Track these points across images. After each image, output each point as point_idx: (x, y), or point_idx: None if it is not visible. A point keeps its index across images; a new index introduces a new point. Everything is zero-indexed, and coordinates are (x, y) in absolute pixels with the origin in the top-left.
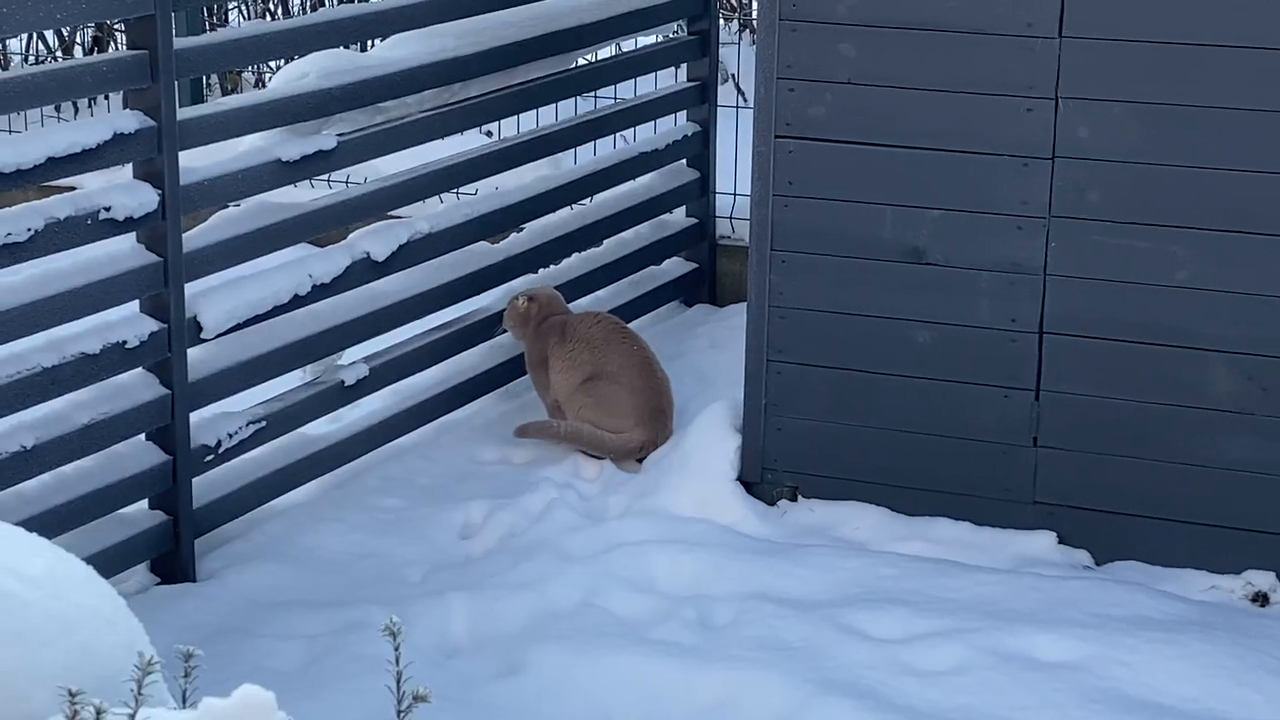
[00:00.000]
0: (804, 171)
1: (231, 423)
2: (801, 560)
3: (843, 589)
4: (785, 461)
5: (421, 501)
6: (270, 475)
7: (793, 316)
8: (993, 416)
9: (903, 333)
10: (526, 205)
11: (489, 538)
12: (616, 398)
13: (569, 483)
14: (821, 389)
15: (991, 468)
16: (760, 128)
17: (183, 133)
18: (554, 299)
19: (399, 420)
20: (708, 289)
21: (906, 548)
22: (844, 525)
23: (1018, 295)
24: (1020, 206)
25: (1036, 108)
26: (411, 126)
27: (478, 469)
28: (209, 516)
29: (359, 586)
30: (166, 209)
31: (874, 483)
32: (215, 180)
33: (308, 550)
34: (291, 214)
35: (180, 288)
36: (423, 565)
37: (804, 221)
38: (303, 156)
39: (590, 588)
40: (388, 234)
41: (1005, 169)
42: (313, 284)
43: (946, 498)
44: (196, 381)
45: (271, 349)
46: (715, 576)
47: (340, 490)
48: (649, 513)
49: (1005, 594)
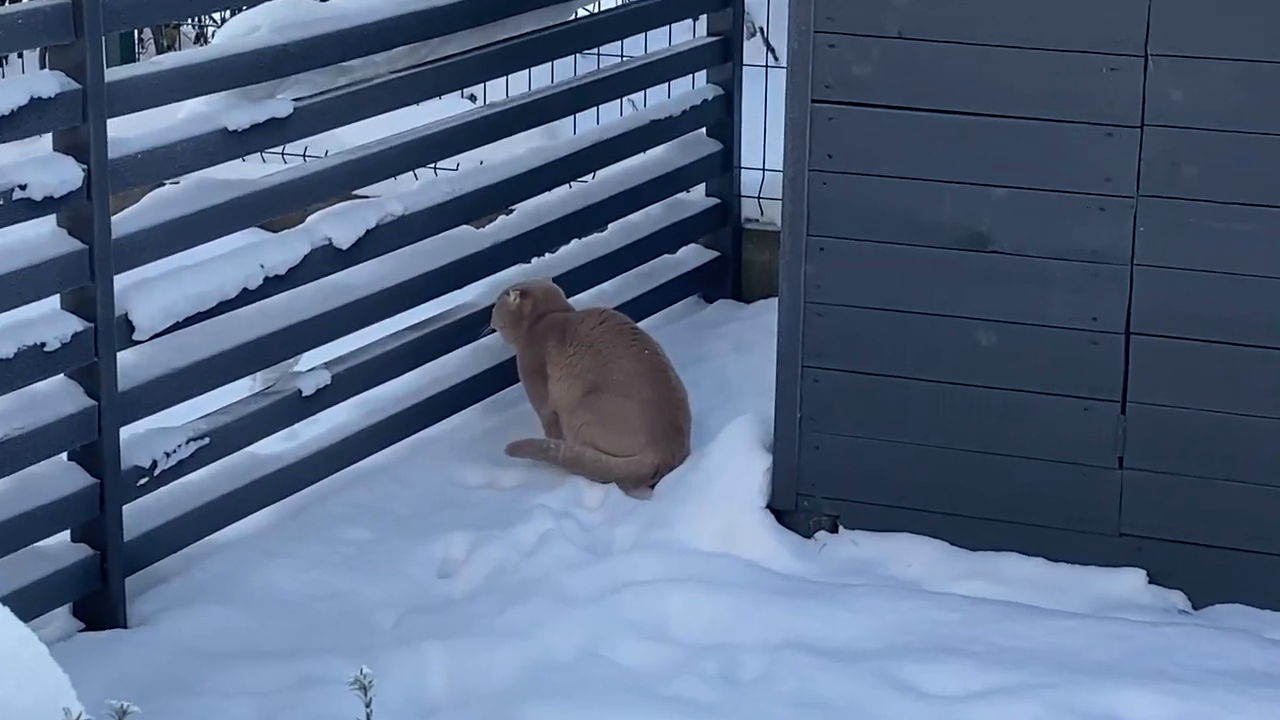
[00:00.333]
0: (846, 142)
1: (169, 440)
2: (843, 603)
3: (892, 637)
4: (824, 486)
5: (393, 533)
6: (214, 502)
7: (832, 314)
8: (1070, 433)
9: (963, 334)
10: (517, 182)
11: (473, 575)
12: (624, 413)
13: (568, 510)
14: (867, 400)
15: (1069, 493)
16: (794, 90)
17: (112, 97)
18: (551, 294)
19: (367, 437)
20: (732, 282)
21: (968, 588)
22: (893, 561)
23: (1100, 289)
24: (1103, 184)
25: (1122, 66)
26: (381, 90)
27: (460, 494)
28: (142, 551)
29: (318, 633)
30: (92, 187)
31: (929, 511)
32: (150, 153)
33: (258, 590)
34: (240, 193)
35: (109, 280)
36: (394, 608)
37: (846, 201)
38: (253, 125)
39: (593, 635)
40: (353, 217)
41: (1085, 139)
42: (265, 276)
43: (1015, 529)
44: (128, 391)
45: (216, 353)
46: (741, 622)
47: (297, 520)
48: (662, 546)
49: (1085, 643)
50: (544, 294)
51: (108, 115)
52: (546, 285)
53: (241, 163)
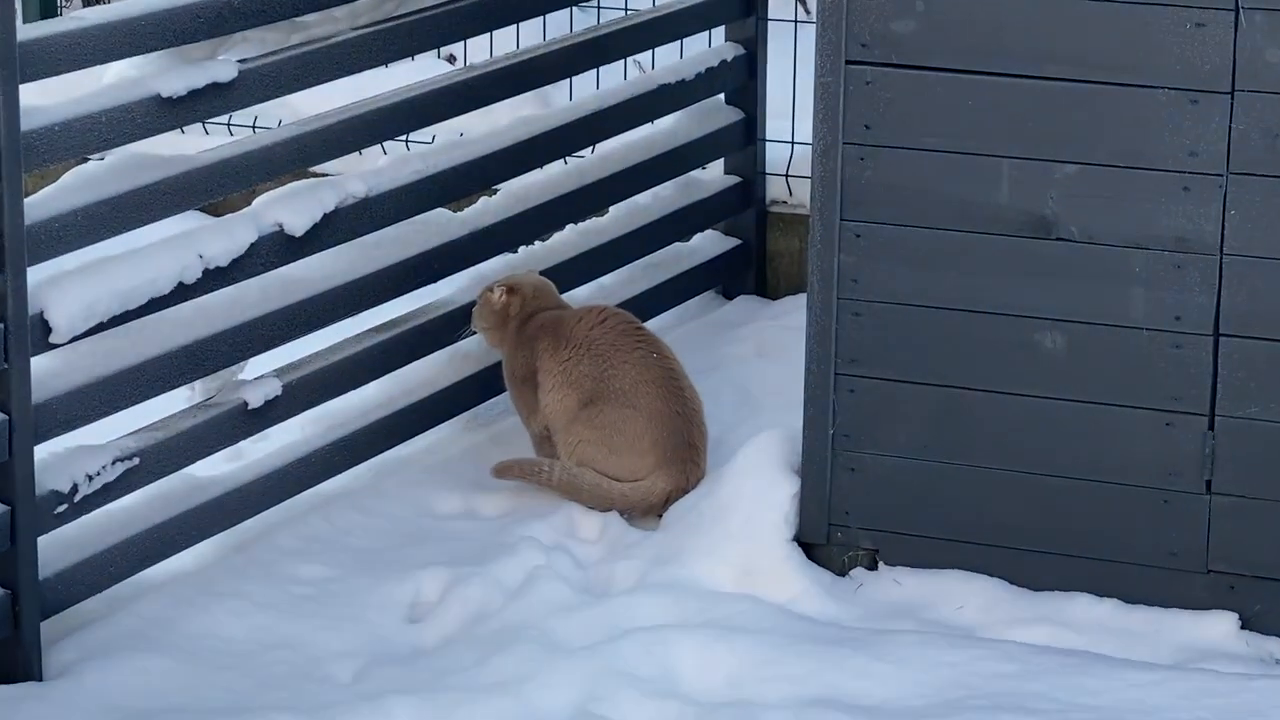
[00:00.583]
0: (887, 111)
1: (92, 460)
2: (883, 652)
3: (942, 692)
4: (861, 515)
5: (354, 570)
6: (145, 533)
7: (871, 313)
8: (1149, 452)
9: (1024, 336)
10: (502, 158)
11: (448, 621)
12: (629, 428)
13: (560, 543)
14: (911, 414)
15: (1148, 523)
16: (826, 50)
17: (25, 58)
18: (542, 289)
19: (323, 457)
20: (755, 275)
21: (1030, 635)
22: (943, 603)
23: (1184, 283)
24: (1187, 160)
25: (1209, 21)
26: (341, 49)
27: (433, 525)
28: (60, 590)
29: (267, 688)
30: (1, 164)
31: (984, 544)
32: (70, 124)
33: (196, 638)
34: (175, 171)
35: (21, 273)
36: (356, 659)
37: (887, 181)
38: (191, 91)
39: (589, 690)
40: (308, 198)
41: (1166, 107)
42: (204, 268)
43: (1085, 565)
44: (44, 403)
45: (147, 358)
46: (763, 675)
47: (242, 555)
48: (671, 586)
49: (1168, 699)
50: (534, 290)
51: (20, 79)
52: (536, 280)
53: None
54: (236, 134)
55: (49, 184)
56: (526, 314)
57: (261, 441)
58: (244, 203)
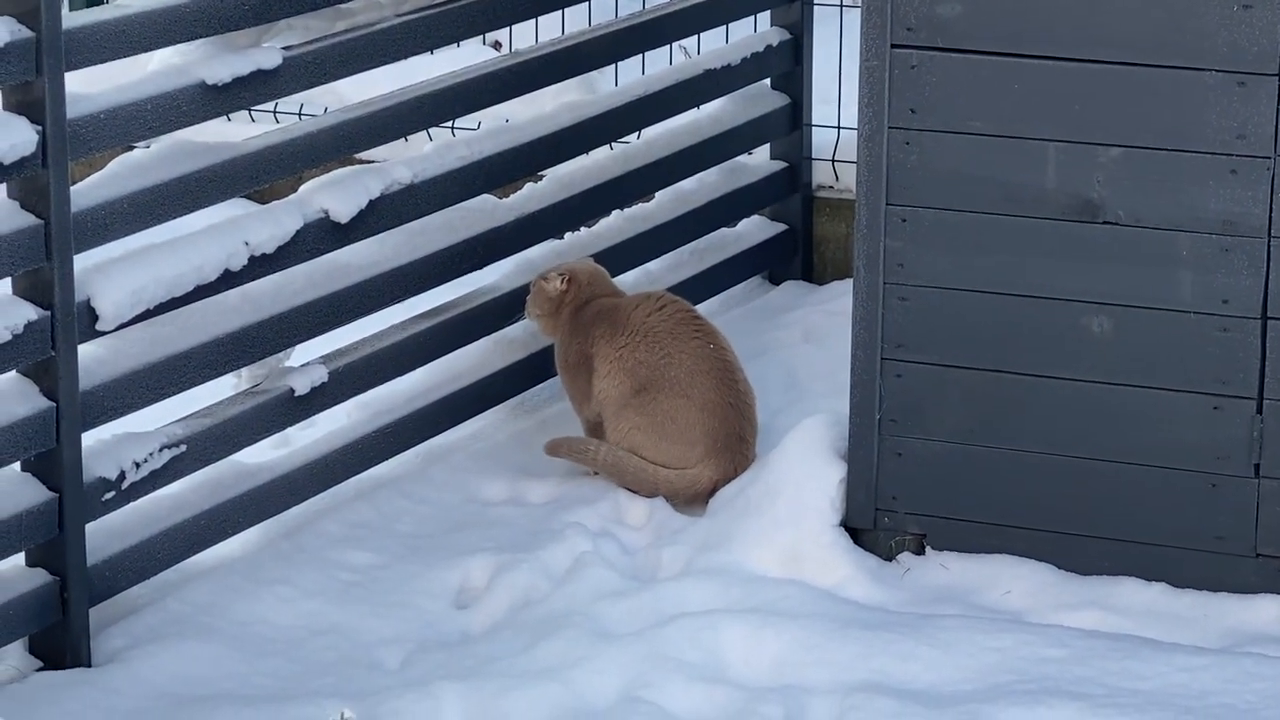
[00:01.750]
0: (933, 95)
1: (139, 448)
2: (930, 637)
3: (988, 677)
4: (908, 500)
5: (402, 557)
6: (192, 520)
7: (918, 298)
8: (1197, 436)
9: (1071, 320)
10: (548, 144)
11: (495, 607)
12: (681, 418)
13: (607, 529)
14: (958, 399)
15: (1196, 507)
16: (871, 33)
17: (70, 46)
18: (597, 276)
19: (370, 444)
20: (801, 260)
21: (1077, 619)
22: (990, 588)
23: (1232, 266)
24: (1235, 143)
25: (1257, 3)
26: (386, 36)
27: (480, 511)
28: (109, 577)
29: (315, 674)
30: (48, 152)
31: (1031, 529)
32: (115, 112)
33: (244, 624)
34: (221, 158)
35: (68, 261)
36: (403, 645)
37: (932, 165)
38: (236, 79)
39: (635, 676)
40: (354, 185)
41: (1213, 90)
42: (250, 255)
43: (1133, 549)
44: (91, 390)
45: (193, 345)
46: (809, 659)
47: (290, 541)
48: (718, 571)
49: (1217, 684)
50: (589, 277)
51: (66, 68)
52: (592, 267)
53: (224, 122)
54: (282, 121)
55: (95, 172)
56: (581, 300)
57: (308, 428)
58: (290, 190)
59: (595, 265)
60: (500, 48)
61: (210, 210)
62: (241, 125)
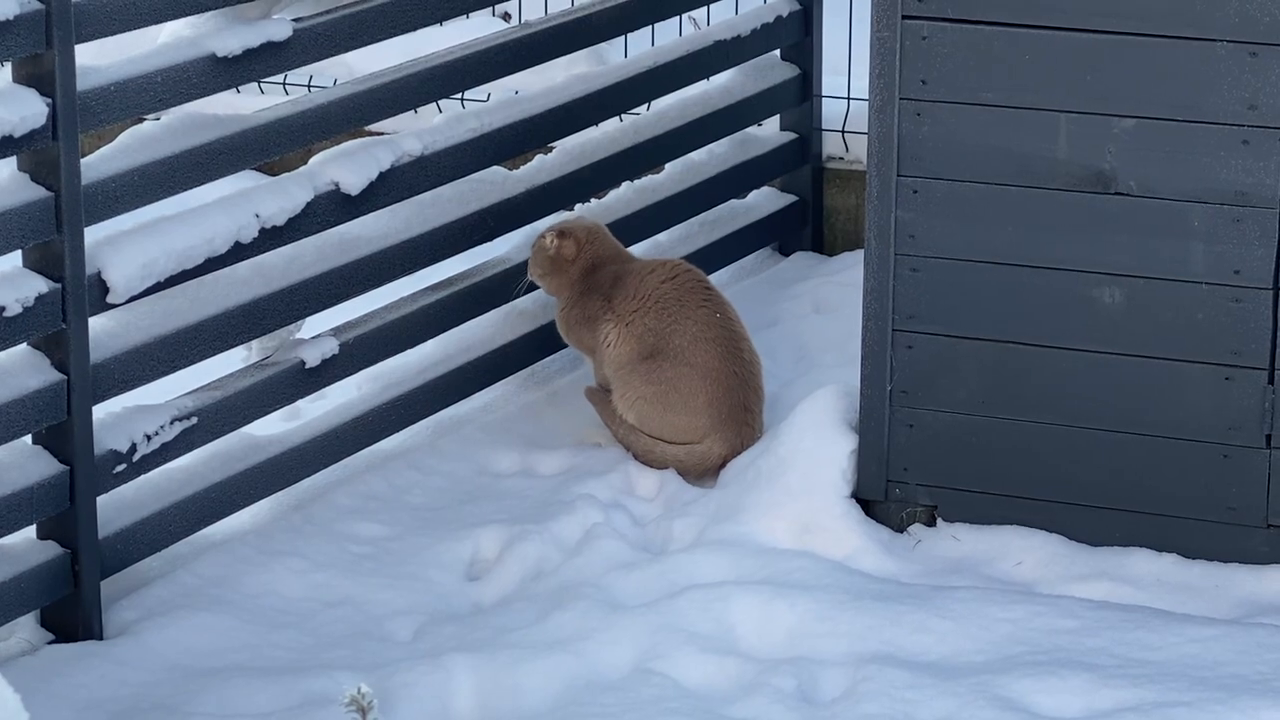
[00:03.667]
0: (944, 65)
1: (150, 420)
2: (942, 609)
3: (1000, 648)
4: (919, 471)
5: (413, 529)
6: (203, 493)
7: (929, 269)
8: (1209, 406)
9: (1082, 290)
10: (558, 116)
11: (506, 578)
12: (684, 385)
13: (618, 501)
14: (969, 370)
15: (1207, 478)
16: (882, 4)
17: (80, 18)
18: (596, 233)
19: (381, 416)
20: (811, 231)
21: (1089, 590)
22: (1001, 559)
23: (1244, 237)
24: (1246, 114)
25: None
26: (396, 7)
27: (491, 483)
28: (120, 550)
29: (327, 646)
30: (58, 124)
31: (1042, 500)
32: (126, 84)
33: (256, 597)
34: (231, 131)
35: (79, 233)
36: (415, 617)
37: (943, 136)
38: (246, 51)
39: (647, 647)
40: (364, 157)
41: (1225, 60)
42: (261, 227)
43: (1144, 520)
44: (102, 363)
45: (204, 318)
46: (821, 631)
47: (300, 514)
48: (729, 543)
49: (1227, 654)
50: (587, 233)
51: (75, 40)
52: (588, 224)
53: (235, 95)
54: (292, 93)
55: (105, 144)
56: (589, 262)
57: (319, 400)
58: (300, 162)
59: (593, 222)
60: (510, 19)
61: (221, 182)
62: (251, 97)
